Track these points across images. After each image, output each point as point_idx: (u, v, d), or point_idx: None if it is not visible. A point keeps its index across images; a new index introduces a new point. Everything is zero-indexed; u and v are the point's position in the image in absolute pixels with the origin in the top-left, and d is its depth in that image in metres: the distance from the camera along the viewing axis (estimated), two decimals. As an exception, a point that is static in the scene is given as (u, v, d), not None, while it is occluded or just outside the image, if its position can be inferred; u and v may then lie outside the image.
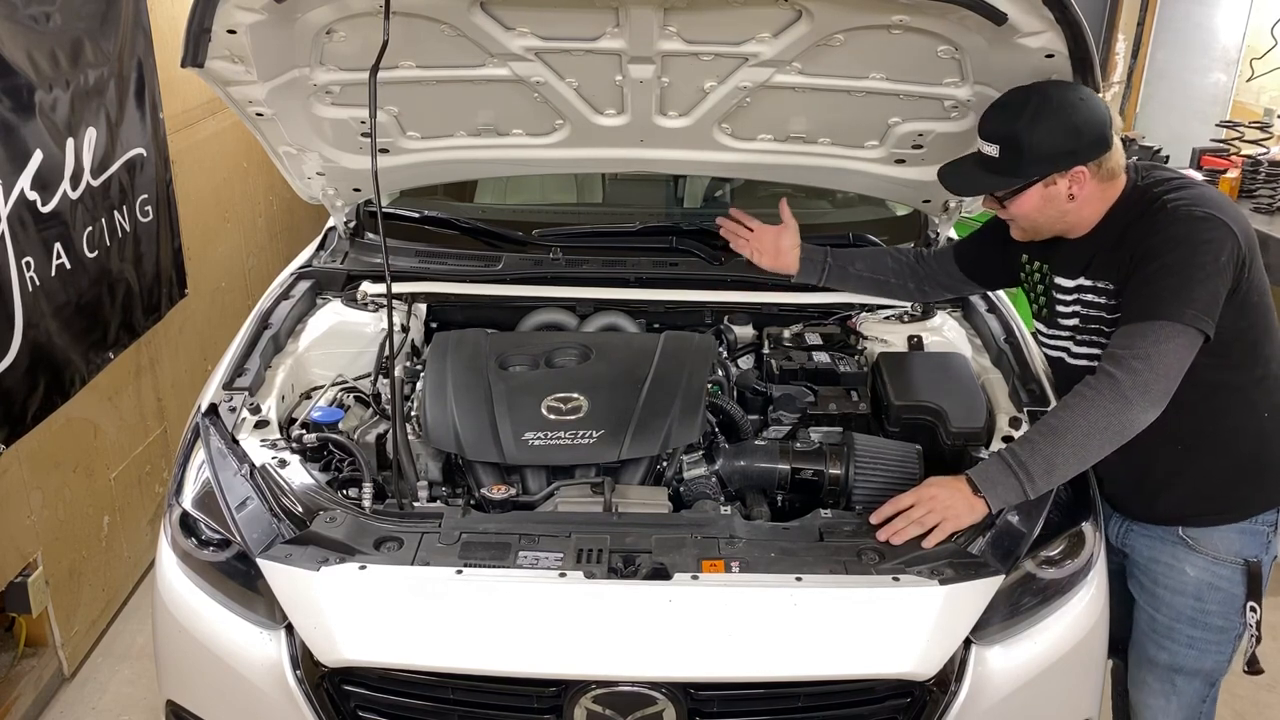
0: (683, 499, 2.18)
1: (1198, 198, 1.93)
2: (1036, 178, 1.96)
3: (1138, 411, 1.83)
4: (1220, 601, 2.08)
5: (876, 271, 2.56)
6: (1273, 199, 4.02)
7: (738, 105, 2.51)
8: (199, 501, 2.04)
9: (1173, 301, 1.83)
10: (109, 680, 3.12)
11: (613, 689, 1.73)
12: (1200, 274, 1.84)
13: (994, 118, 2.02)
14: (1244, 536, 2.06)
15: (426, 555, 1.85)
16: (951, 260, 2.48)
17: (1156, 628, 2.15)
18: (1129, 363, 1.83)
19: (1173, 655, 2.14)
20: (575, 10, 2.17)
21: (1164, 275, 1.86)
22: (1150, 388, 1.82)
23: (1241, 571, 2.06)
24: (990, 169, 2.00)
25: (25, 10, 2.62)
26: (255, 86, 2.29)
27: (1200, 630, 2.10)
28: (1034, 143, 1.94)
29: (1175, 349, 1.83)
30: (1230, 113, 5.27)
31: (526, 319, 2.81)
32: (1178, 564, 2.10)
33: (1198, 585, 2.08)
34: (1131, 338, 1.86)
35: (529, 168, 2.90)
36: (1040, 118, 1.94)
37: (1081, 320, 2.10)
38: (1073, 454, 1.87)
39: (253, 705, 1.89)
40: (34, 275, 2.70)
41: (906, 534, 1.90)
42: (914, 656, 1.75)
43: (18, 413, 2.69)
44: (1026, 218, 2.04)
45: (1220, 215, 1.89)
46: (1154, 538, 2.13)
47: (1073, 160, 1.94)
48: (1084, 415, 1.86)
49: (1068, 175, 1.95)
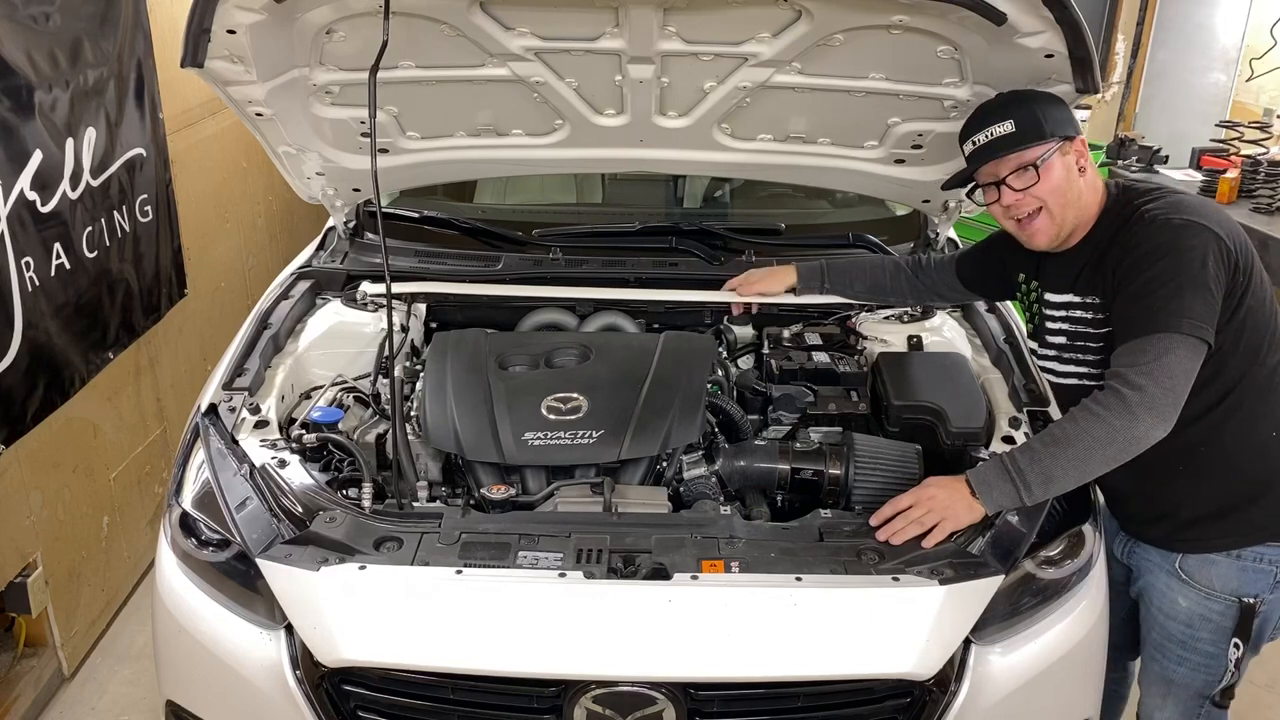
0: (682, 499, 2.18)
1: (1175, 205, 1.92)
2: (1061, 136, 1.96)
3: (1145, 428, 1.80)
4: (1211, 631, 2.06)
5: (875, 292, 2.64)
6: (1272, 199, 4.02)
7: (737, 105, 2.51)
8: (199, 502, 2.04)
9: (1167, 313, 1.81)
10: (109, 680, 3.12)
11: (612, 689, 1.73)
12: (1190, 281, 1.81)
13: (993, 108, 2.03)
14: (1243, 574, 2.01)
15: (426, 555, 1.85)
16: (953, 274, 2.50)
17: (1150, 641, 2.18)
18: (1134, 379, 1.80)
19: (1164, 668, 2.16)
20: (575, 10, 2.17)
21: (1154, 287, 1.84)
22: (1157, 402, 1.79)
23: (1234, 609, 2.02)
24: (1015, 142, 1.96)
25: (25, 10, 2.62)
26: (255, 86, 2.29)
27: (1190, 653, 2.10)
28: (1046, 108, 1.98)
29: (1179, 360, 1.79)
30: (1230, 113, 5.27)
31: (526, 319, 2.81)
32: (1171, 593, 2.09)
33: (1189, 615, 2.07)
34: (1134, 354, 1.83)
35: (529, 168, 2.90)
36: (1035, 95, 2.03)
37: (1069, 338, 2.10)
38: (1073, 467, 1.85)
39: (252, 705, 1.89)
40: (34, 275, 2.71)
41: (906, 534, 1.90)
42: (914, 656, 1.75)
43: (17, 413, 2.69)
44: (1056, 191, 1.96)
45: (1200, 220, 1.87)
46: (1152, 563, 2.13)
47: (1075, 128, 1.99)
48: (1089, 430, 1.83)
49: (1074, 145, 1.98)
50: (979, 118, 2.03)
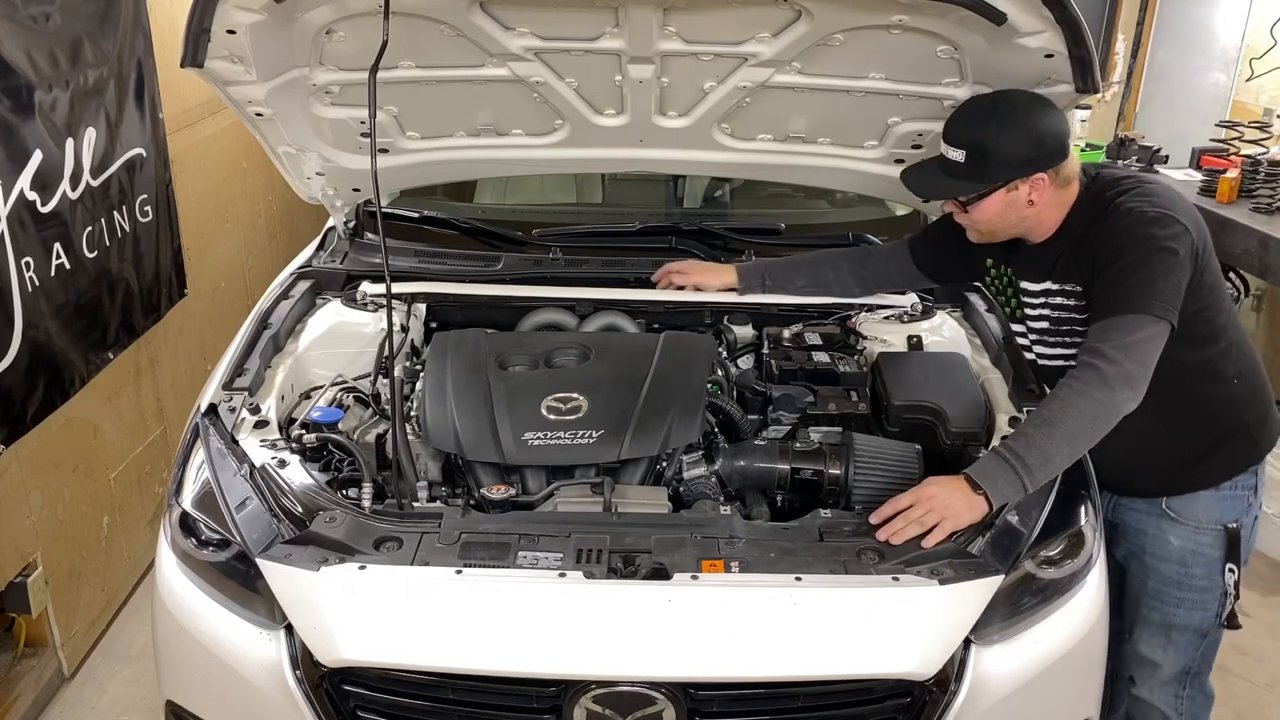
0: (682, 499, 2.18)
1: (1146, 196, 2.04)
2: (1000, 184, 2.06)
3: (1121, 399, 1.92)
4: (1203, 565, 2.23)
5: (817, 284, 2.69)
6: (1272, 199, 4.02)
7: (737, 105, 2.51)
8: (199, 502, 2.04)
9: (1140, 296, 1.95)
10: (109, 680, 3.12)
11: (612, 689, 1.73)
12: (1162, 269, 1.96)
13: (961, 123, 2.10)
14: (1223, 503, 2.20)
15: (426, 555, 1.85)
16: (908, 259, 2.57)
17: (1147, 591, 2.30)
18: (1109, 353, 1.93)
19: (1164, 614, 2.29)
20: (575, 10, 2.17)
21: (1129, 274, 1.97)
22: (1131, 375, 1.92)
23: (1221, 536, 2.21)
24: (955, 174, 2.09)
25: (25, 10, 2.62)
26: (255, 86, 2.29)
27: (1186, 591, 2.25)
28: (1000, 150, 2.03)
29: (1148, 338, 1.94)
30: (1230, 112, 5.26)
31: (526, 319, 2.80)
32: (1162, 535, 2.25)
33: (1181, 552, 2.24)
34: (1107, 332, 1.96)
35: (529, 168, 2.90)
36: (1006, 126, 2.04)
37: (1052, 323, 2.22)
38: (1065, 443, 1.93)
39: (252, 705, 1.89)
40: (33, 275, 2.70)
41: (906, 534, 1.90)
42: (914, 656, 1.75)
43: (17, 413, 2.69)
44: (987, 223, 2.14)
45: (1172, 213, 2.01)
46: (1140, 511, 2.28)
47: (1034, 168, 2.04)
48: (1073, 405, 1.93)
49: (1028, 182, 2.05)
50: (949, 128, 2.11)
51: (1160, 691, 2.34)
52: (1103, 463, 2.19)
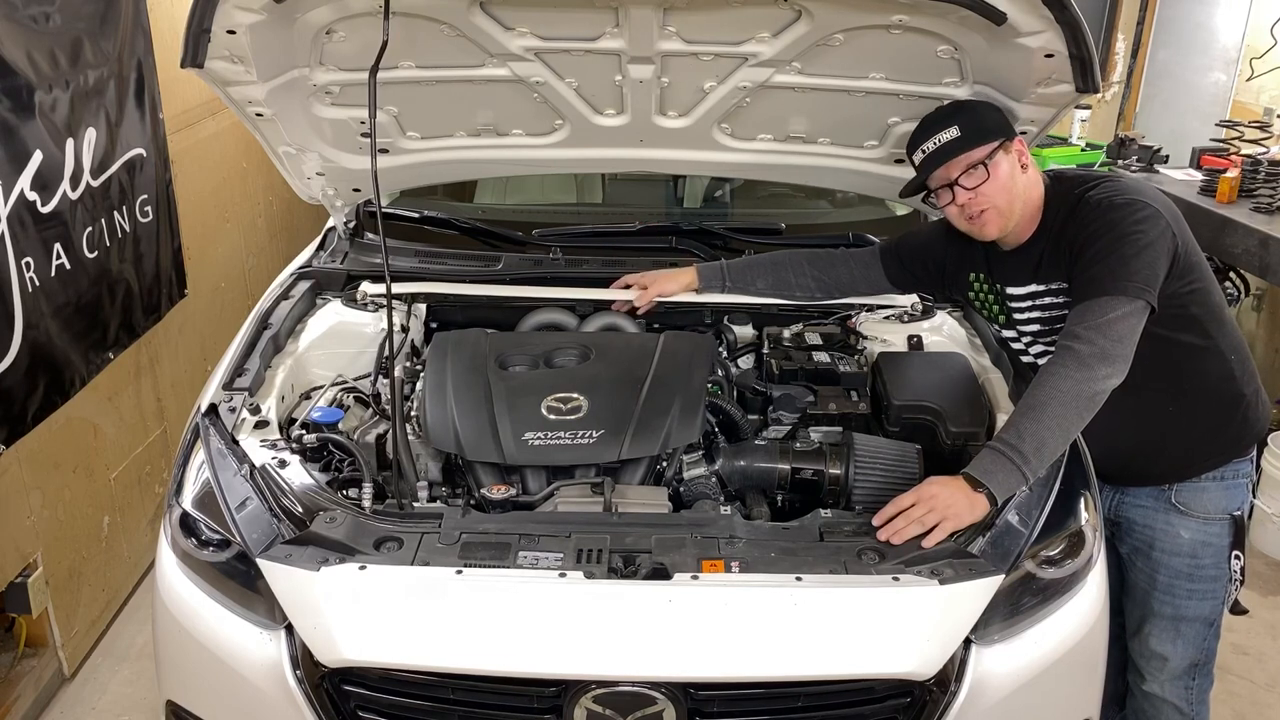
0: (682, 499, 2.18)
1: (1114, 187, 2.10)
2: (1004, 138, 2.12)
3: (1101, 378, 1.94)
4: (1212, 554, 2.28)
5: (778, 286, 2.69)
6: (1272, 198, 4.02)
7: (737, 105, 2.51)
8: (199, 502, 2.04)
9: (1113, 279, 1.98)
10: (109, 680, 3.13)
11: (613, 689, 1.73)
12: (1133, 250, 1.99)
13: (935, 116, 2.17)
14: (1228, 492, 2.26)
15: (426, 555, 1.85)
16: (879, 272, 2.58)
17: (1157, 585, 2.32)
18: (1085, 334, 1.96)
19: (1175, 608, 2.31)
20: (575, 10, 2.17)
21: (1101, 258, 2.02)
22: (1108, 353, 1.94)
23: (1229, 525, 2.26)
24: (961, 145, 2.11)
25: (25, 10, 2.62)
26: (255, 87, 2.29)
27: (1196, 582, 2.29)
28: (983, 114, 2.16)
29: (1124, 317, 1.96)
30: (1230, 112, 5.27)
31: (526, 319, 2.80)
32: (1172, 528, 2.28)
33: (1192, 545, 2.27)
34: (1083, 314, 2.00)
35: (529, 168, 2.90)
36: (973, 103, 2.23)
37: (1043, 324, 2.25)
38: (1057, 426, 1.94)
39: (253, 705, 1.89)
40: (34, 275, 2.71)
41: (907, 533, 1.90)
42: (914, 656, 1.75)
43: (18, 413, 2.69)
44: (1003, 189, 2.12)
45: (1140, 198, 2.06)
46: (1147, 507, 2.31)
47: (1013, 130, 2.17)
48: (1055, 388, 1.95)
49: (1017, 141, 2.15)
50: (924, 128, 2.17)
51: (1172, 685, 2.36)
52: (1112, 454, 2.21)
